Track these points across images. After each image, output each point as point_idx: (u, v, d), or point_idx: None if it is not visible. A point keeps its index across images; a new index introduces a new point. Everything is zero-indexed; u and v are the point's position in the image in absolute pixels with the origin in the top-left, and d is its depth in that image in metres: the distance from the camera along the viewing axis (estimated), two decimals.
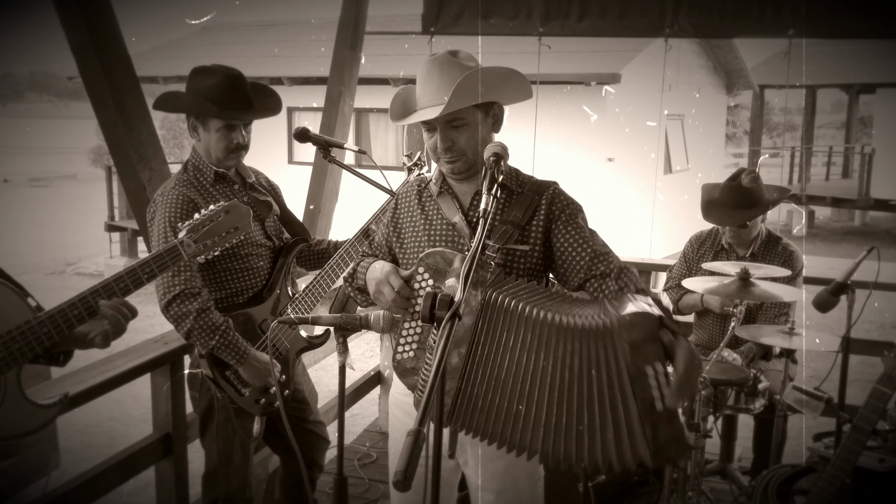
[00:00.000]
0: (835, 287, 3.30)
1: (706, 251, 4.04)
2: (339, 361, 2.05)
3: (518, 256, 2.17)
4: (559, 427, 1.84)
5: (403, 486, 1.31)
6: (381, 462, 4.33)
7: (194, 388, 2.89)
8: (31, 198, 25.15)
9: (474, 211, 2.22)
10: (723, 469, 3.90)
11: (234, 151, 2.79)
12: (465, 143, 2.16)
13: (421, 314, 1.62)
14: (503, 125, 2.29)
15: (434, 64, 2.16)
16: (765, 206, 3.81)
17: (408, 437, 1.35)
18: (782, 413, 3.48)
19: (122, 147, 3.59)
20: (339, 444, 2.08)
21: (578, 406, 1.82)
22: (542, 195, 2.20)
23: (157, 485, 3.20)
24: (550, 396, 1.84)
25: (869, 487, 2.62)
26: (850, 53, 18.56)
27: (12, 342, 1.80)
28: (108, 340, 1.96)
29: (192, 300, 2.61)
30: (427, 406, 1.43)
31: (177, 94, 2.84)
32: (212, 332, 2.63)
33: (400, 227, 2.35)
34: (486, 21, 4.88)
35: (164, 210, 2.68)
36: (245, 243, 2.81)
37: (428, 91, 2.15)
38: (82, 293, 1.92)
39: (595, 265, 2.13)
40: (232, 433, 2.84)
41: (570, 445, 1.83)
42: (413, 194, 2.36)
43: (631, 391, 1.78)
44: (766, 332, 3.41)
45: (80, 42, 3.42)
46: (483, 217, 1.84)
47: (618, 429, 1.79)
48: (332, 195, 5.30)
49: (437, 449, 1.56)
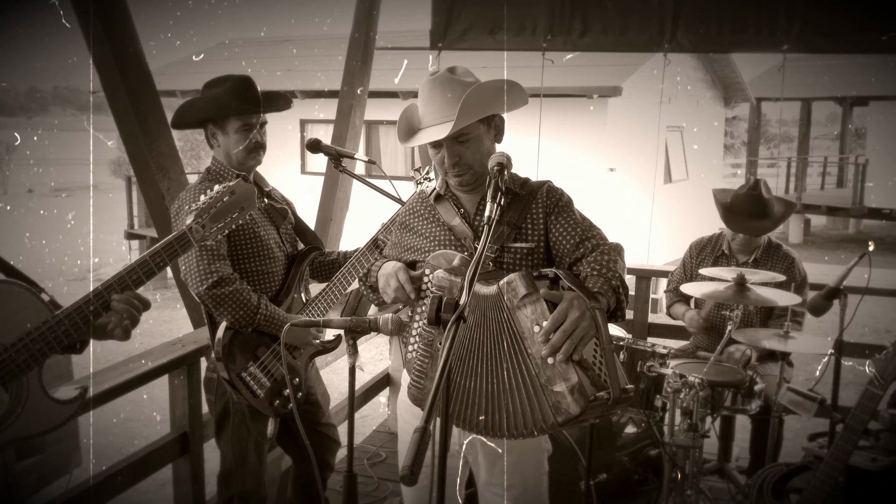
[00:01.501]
0: (827, 292, 3.36)
1: (706, 257, 4.09)
2: (350, 363, 2.09)
3: (524, 254, 2.23)
4: (490, 396, 1.92)
5: (410, 480, 1.36)
6: (389, 462, 4.39)
7: (210, 391, 2.94)
8: (54, 207, 25.32)
9: (480, 216, 2.27)
10: (721, 468, 3.95)
11: (253, 150, 2.86)
12: (472, 157, 2.21)
13: (427, 317, 1.68)
14: (508, 136, 2.36)
15: (435, 83, 2.21)
16: (780, 218, 3.89)
17: (414, 433, 1.41)
18: (777, 414, 3.53)
19: (143, 158, 3.67)
20: (349, 442, 2.10)
21: (498, 374, 1.90)
22: (537, 194, 2.28)
23: (175, 482, 3.24)
24: (482, 368, 1.94)
25: (862, 486, 2.66)
26: (843, 67, 18.79)
27: (33, 343, 1.81)
28: (128, 333, 1.95)
29: (229, 284, 2.69)
30: (433, 404, 1.47)
31: (193, 103, 2.89)
32: (254, 311, 2.72)
33: (406, 237, 2.41)
34: (491, 37, 4.95)
35: (187, 205, 2.69)
36: (262, 248, 2.87)
37: (431, 110, 2.20)
38: (97, 288, 1.91)
39: (583, 245, 2.21)
40: (246, 434, 2.89)
41: (499, 414, 1.90)
42: (417, 206, 2.43)
43: (526, 352, 1.83)
44: (762, 336, 3.48)
45: (103, 57, 3.49)
46: (487, 224, 1.88)
47: (525, 391, 1.84)
48: (343, 204, 5.35)
49: (444, 445, 1.62)
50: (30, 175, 32.03)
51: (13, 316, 1.82)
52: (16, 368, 1.81)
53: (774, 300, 3.37)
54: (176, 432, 3.17)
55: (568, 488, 3.27)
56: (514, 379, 1.88)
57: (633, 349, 3.36)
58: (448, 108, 2.15)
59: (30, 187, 30.71)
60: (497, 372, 1.92)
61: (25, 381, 1.83)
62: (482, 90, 2.16)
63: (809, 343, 3.46)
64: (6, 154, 32.08)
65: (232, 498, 2.95)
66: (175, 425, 3.20)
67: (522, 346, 1.85)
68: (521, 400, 1.87)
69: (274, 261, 2.93)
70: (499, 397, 1.91)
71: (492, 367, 1.93)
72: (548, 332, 1.79)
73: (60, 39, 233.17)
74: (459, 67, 2.26)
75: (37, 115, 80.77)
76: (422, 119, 2.24)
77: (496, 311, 1.90)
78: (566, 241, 2.23)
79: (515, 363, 1.87)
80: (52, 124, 68.25)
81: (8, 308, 1.82)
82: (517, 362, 1.87)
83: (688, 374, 3.23)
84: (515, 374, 1.87)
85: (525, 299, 1.84)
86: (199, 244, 2.07)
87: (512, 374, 1.88)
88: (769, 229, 3.89)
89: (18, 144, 34.03)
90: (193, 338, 3.29)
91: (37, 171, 33.18)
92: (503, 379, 1.90)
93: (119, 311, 1.92)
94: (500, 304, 1.88)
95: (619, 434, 3.58)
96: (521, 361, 1.86)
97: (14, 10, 59.39)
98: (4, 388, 1.80)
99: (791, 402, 3.34)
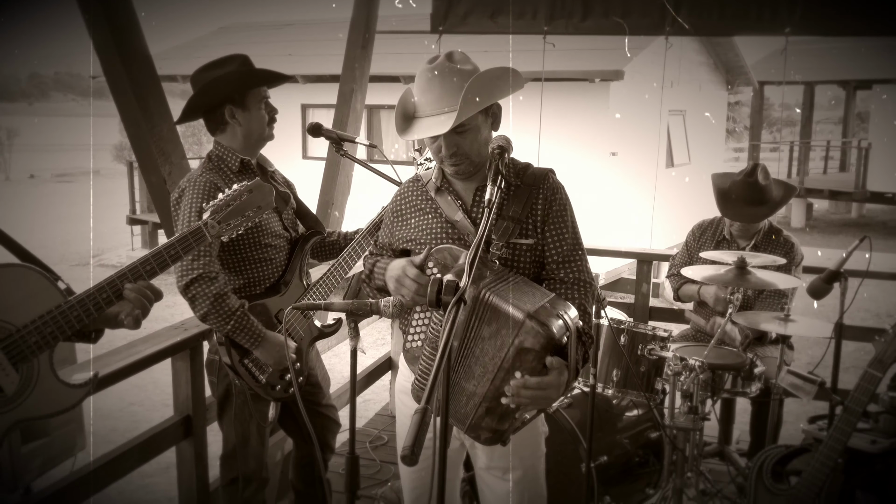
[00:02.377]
0: (828, 275, 3.36)
1: (707, 240, 4.09)
2: (351, 346, 2.09)
3: (524, 250, 2.22)
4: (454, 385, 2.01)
5: (411, 460, 1.39)
6: (391, 445, 4.40)
7: (212, 373, 2.95)
8: (56, 193, 25.44)
9: (478, 207, 2.25)
10: (721, 451, 3.97)
11: (272, 122, 2.92)
12: (470, 147, 2.17)
13: (428, 299, 1.69)
14: (509, 120, 2.32)
15: (433, 73, 2.15)
16: (779, 203, 3.86)
17: (415, 414, 1.42)
18: (778, 396, 3.54)
19: (144, 143, 3.68)
20: (350, 425, 2.11)
21: (466, 369, 2.00)
22: (540, 188, 2.24)
23: (178, 464, 3.26)
24: (470, 370, 2.00)
25: (861, 468, 2.67)
26: (846, 51, 18.74)
27: (44, 326, 1.85)
28: (138, 322, 1.98)
29: (209, 283, 2.64)
30: (433, 385, 1.49)
31: (216, 80, 2.82)
32: (228, 317, 2.67)
33: (400, 228, 2.37)
34: (492, 20, 4.93)
35: (191, 195, 2.72)
36: (264, 233, 2.86)
37: (429, 101, 2.15)
38: (110, 277, 1.94)
39: (565, 267, 2.23)
40: (248, 417, 2.89)
41: (456, 403, 2.02)
42: (411, 194, 2.39)
43: (492, 376, 1.95)
44: (762, 319, 3.48)
45: (104, 42, 3.50)
46: (488, 207, 1.90)
47: (468, 395, 2.00)
48: (345, 189, 5.36)
49: (444, 427, 1.64)
50: (31, 160, 32.07)
51: (27, 299, 1.86)
52: (27, 350, 1.85)
53: (775, 283, 3.37)
54: (179, 415, 3.19)
55: (569, 471, 3.29)
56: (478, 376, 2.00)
57: (634, 332, 3.38)
58: (447, 99, 2.11)
59: (31, 173, 30.75)
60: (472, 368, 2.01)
61: (36, 363, 1.87)
62: (482, 80, 2.11)
63: (809, 326, 3.47)
64: (7, 140, 32.13)
65: (236, 479, 2.96)
66: (178, 408, 3.21)
67: (501, 367, 1.95)
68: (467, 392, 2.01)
69: (276, 247, 2.93)
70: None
71: (476, 366, 2.01)
72: (524, 388, 1.93)
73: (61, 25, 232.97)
74: (457, 53, 2.21)
75: (38, 101, 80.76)
76: (418, 108, 2.19)
77: (506, 330, 1.93)
78: (551, 252, 2.24)
79: (488, 369, 1.98)
80: (53, 109, 68.30)
81: (22, 290, 1.86)
82: (489, 370, 1.97)
83: (688, 357, 3.25)
84: (481, 376, 1.99)
85: (530, 355, 1.91)
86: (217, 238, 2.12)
87: (479, 373, 2.00)
88: (766, 215, 3.86)
89: (20, 130, 34.06)
90: (196, 321, 3.29)
91: (38, 157, 33.26)
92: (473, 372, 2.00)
93: (131, 301, 1.95)
94: (512, 330, 1.92)
95: (620, 417, 3.60)
96: (493, 374, 1.96)
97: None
98: (15, 369, 1.84)
99: (791, 385, 3.35)
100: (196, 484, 3.23)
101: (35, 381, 1.87)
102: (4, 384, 1.83)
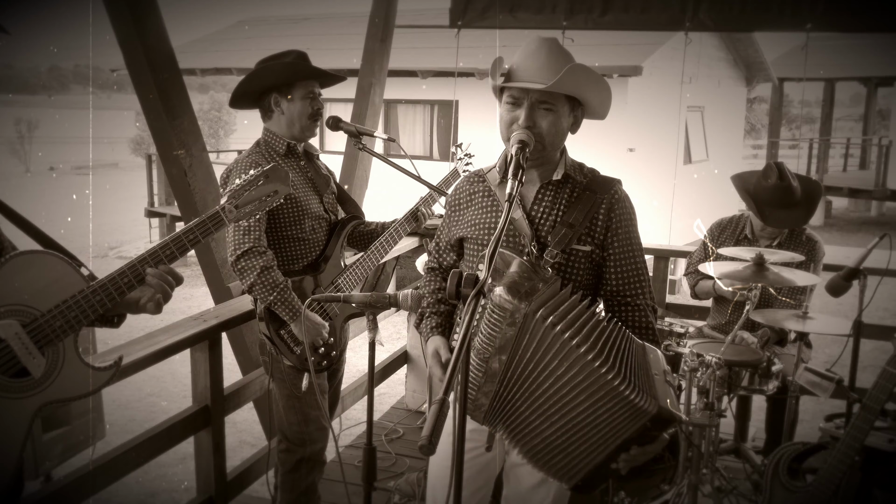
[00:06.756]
0: (847, 272, 3.35)
1: (727, 238, 4.05)
2: (370, 338, 2.11)
3: (580, 257, 2.17)
4: (566, 452, 1.96)
5: (428, 450, 1.39)
6: (407, 438, 4.44)
7: (264, 353, 3.06)
8: (75, 185, 25.73)
9: (538, 206, 2.20)
10: (737, 448, 3.96)
11: (316, 117, 3.04)
12: (546, 128, 2.11)
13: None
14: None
15: (543, 43, 2.14)
16: (813, 201, 3.80)
17: (433, 405, 1.43)
18: (795, 394, 3.52)
19: (165, 135, 3.73)
20: (368, 416, 2.11)
21: (581, 436, 1.93)
22: (604, 197, 2.20)
23: (196, 454, 3.28)
24: (575, 430, 1.93)
25: (878, 466, 2.65)
26: (868, 47, 18.51)
27: (68, 311, 1.89)
28: (160, 307, 2.01)
29: (258, 257, 2.81)
30: (452, 376, 1.48)
31: (266, 68, 2.97)
32: (271, 288, 2.82)
33: (457, 221, 2.34)
34: (511, 15, 4.94)
35: (236, 174, 2.87)
36: (304, 215, 2.99)
37: (531, 66, 2.12)
38: (131, 261, 1.97)
39: (628, 288, 2.20)
40: (298, 392, 3.01)
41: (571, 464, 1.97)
42: (470, 186, 2.34)
43: (612, 445, 1.91)
44: (780, 316, 3.46)
45: (127, 36, 3.55)
46: (508, 201, 1.86)
47: (581, 455, 1.94)
48: (363, 182, 5.39)
49: (462, 416, 1.64)
50: (51, 153, 32.38)
51: (52, 285, 1.89)
52: (52, 333, 1.89)
53: (793, 280, 3.34)
54: (198, 405, 3.21)
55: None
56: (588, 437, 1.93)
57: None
58: (547, 71, 2.08)
59: (51, 165, 31.05)
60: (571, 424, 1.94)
61: (61, 347, 1.91)
62: (589, 71, 2.08)
63: (828, 324, 3.44)
64: (28, 132, 32.44)
65: (302, 458, 3.09)
66: (197, 398, 3.24)
67: (615, 437, 1.90)
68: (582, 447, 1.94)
69: (316, 229, 3.06)
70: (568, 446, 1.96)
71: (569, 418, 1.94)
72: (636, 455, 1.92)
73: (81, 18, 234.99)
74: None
75: (58, 94, 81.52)
76: (517, 70, 2.14)
77: (622, 410, 1.88)
78: (618, 270, 2.21)
79: (597, 435, 1.91)
80: (73, 102, 68.85)
81: (47, 276, 1.89)
82: (600, 438, 1.91)
83: (705, 354, 3.23)
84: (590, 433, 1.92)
85: (650, 435, 1.89)
86: (234, 222, 2.14)
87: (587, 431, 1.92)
88: (807, 218, 3.80)
89: (40, 122, 34.36)
90: (215, 313, 3.32)
91: (58, 150, 33.55)
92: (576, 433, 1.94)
93: (152, 286, 1.98)
94: (635, 416, 1.87)
95: None
96: (603, 442, 1.91)
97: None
98: (41, 353, 1.88)
99: (808, 383, 3.33)
100: (214, 474, 3.25)
101: (61, 364, 1.91)
102: (32, 367, 1.87)
